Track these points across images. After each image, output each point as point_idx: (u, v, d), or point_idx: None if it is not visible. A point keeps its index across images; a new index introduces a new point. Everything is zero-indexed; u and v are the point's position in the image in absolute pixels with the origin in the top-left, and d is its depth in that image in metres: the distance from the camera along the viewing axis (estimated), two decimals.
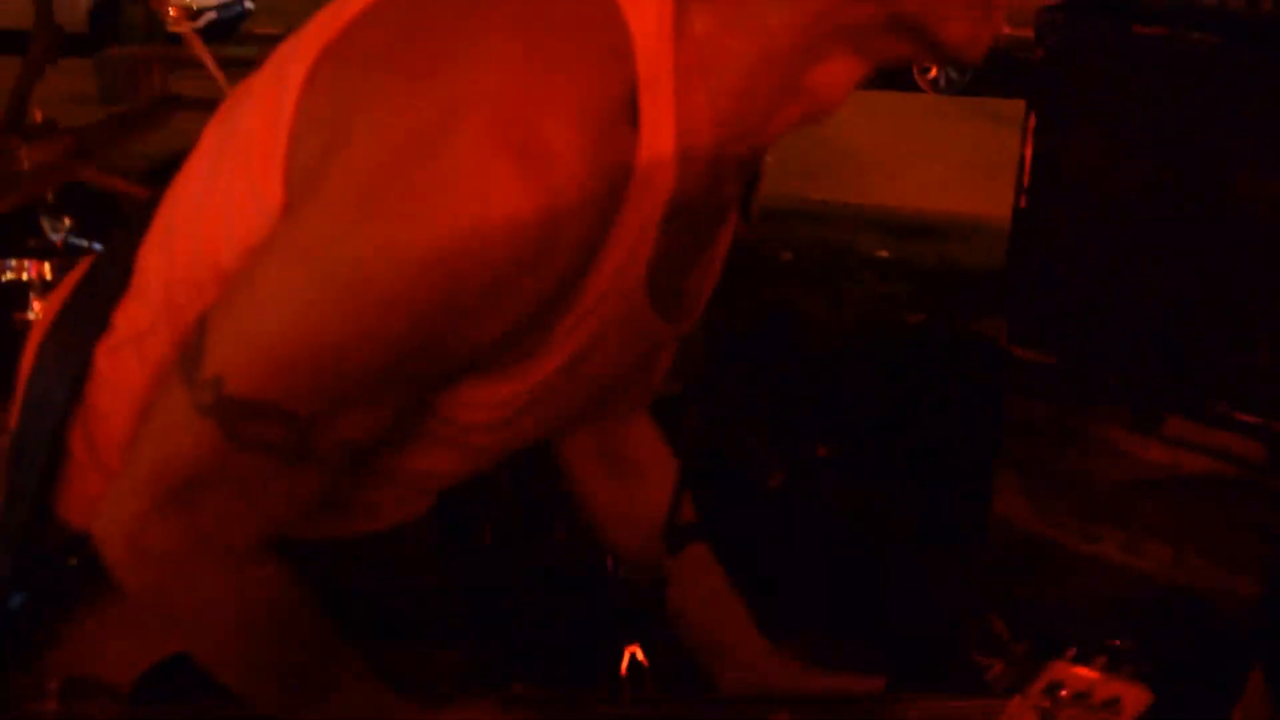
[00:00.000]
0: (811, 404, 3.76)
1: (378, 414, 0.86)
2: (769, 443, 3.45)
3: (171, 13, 11.16)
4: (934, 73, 11.05)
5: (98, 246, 1.95)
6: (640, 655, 1.15)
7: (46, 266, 2.00)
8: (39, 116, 2.33)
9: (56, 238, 1.89)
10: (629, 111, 0.81)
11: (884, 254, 5.77)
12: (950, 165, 7.57)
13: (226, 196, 0.91)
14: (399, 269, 0.76)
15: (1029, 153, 2.50)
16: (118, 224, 1.03)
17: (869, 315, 4.85)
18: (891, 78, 10.92)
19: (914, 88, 10.88)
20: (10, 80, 6.98)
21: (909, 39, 0.87)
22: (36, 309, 1.97)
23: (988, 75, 10.66)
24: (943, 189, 6.95)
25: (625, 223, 0.84)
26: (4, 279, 1.99)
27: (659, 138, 0.83)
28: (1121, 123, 2.44)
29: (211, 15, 13.99)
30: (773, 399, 3.77)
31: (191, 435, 0.85)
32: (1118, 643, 1.04)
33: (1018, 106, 2.74)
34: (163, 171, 1.03)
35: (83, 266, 1.09)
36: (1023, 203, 2.56)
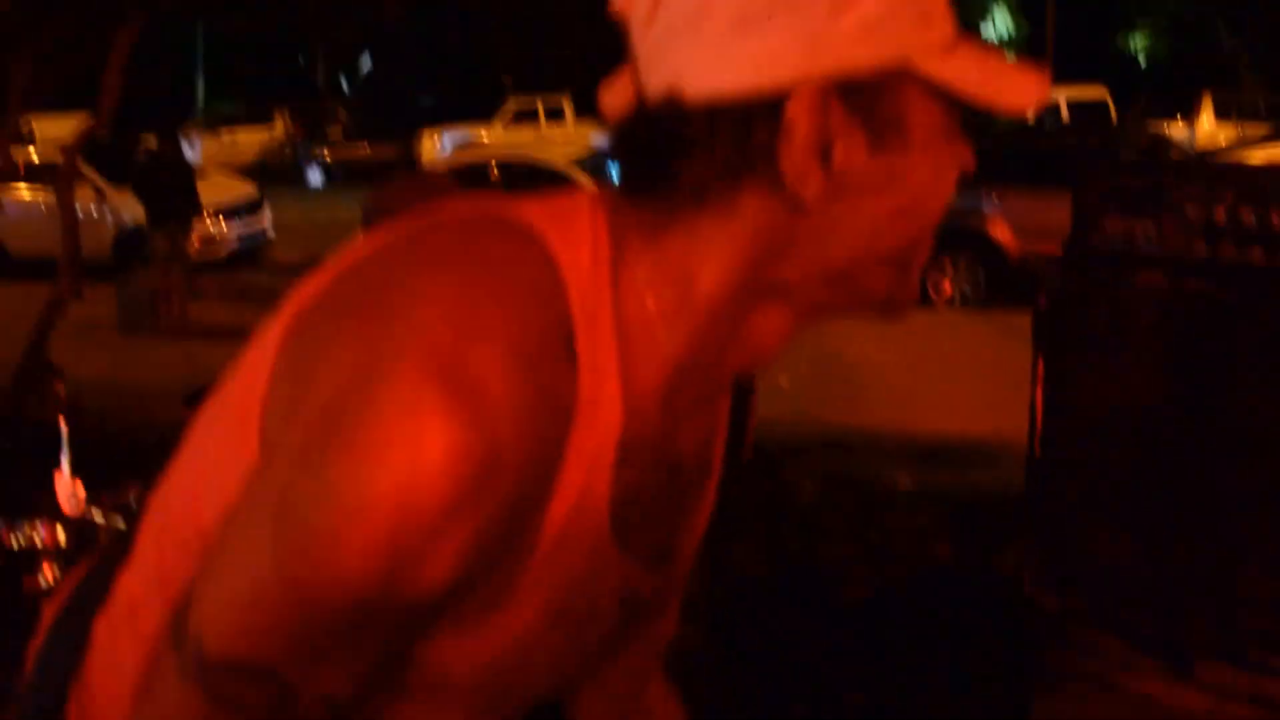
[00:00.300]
0: (836, 657, 3.69)
1: (356, 668, 0.84)
2: (793, 697, 3.38)
3: (195, 242, 11.53)
4: (948, 289, 11.24)
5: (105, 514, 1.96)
6: None
7: (59, 531, 2.01)
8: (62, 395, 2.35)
9: (72, 507, 1.91)
10: (565, 349, 0.83)
11: (907, 486, 5.74)
12: (968, 383, 7.59)
13: (213, 458, 0.93)
14: (344, 515, 0.77)
15: (1039, 397, 2.53)
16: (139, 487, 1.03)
17: (894, 555, 4.77)
18: None
19: (928, 303, 11.06)
20: (32, 306, 7.16)
21: (841, 292, 0.91)
22: (48, 574, 1.97)
23: (1002, 288, 10.87)
24: (962, 409, 6.95)
25: (572, 462, 0.84)
26: (18, 545, 1.99)
27: (600, 376, 0.85)
28: (1125, 366, 2.48)
29: (234, 244, 14.48)
30: (797, 652, 3.70)
31: (178, 701, 0.84)
32: None
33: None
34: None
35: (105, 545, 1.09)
36: (1036, 450, 2.58)
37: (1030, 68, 0.92)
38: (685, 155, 0.84)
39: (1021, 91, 0.89)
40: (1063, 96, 23.69)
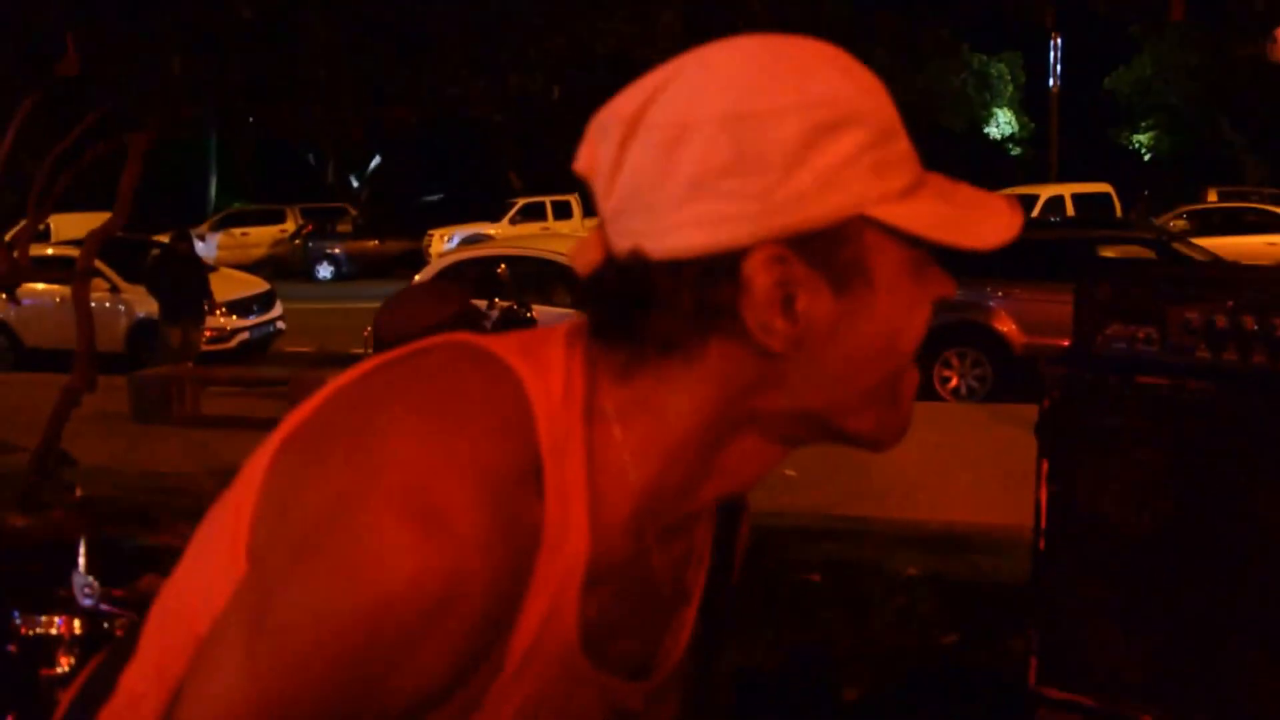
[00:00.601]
0: None
1: None
2: None
3: (206, 334, 11.62)
4: (954, 381, 11.28)
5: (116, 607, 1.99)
6: None
7: (76, 623, 2.04)
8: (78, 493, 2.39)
9: (88, 603, 1.93)
10: (534, 479, 0.86)
11: (914, 571, 5.73)
12: (975, 474, 7.60)
13: (207, 567, 0.96)
14: (317, 627, 0.81)
15: (1044, 497, 2.56)
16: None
17: (900, 644, 4.76)
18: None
19: (936, 397, 11.10)
20: (46, 395, 7.21)
21: (818, 430, 0.93)
22: (63, 664, 2.00)
23: (1007, 380, 10.91)
24: (969, 498, 6.97)
25: (539, 588, 0.87)
26: (34, 633, 2.02)
27: (567, 505, 0.87)
28: (1130, 467, 2.51)
29: (244, 335, 14.61)
30: None
31: None
32: None
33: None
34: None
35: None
36: (1041, 544, 2.60)
37: (1000, 201, 0.93)
38: (651, 308, 0.87)
39: (990, 230, 0.91)
40: (1068, 192, 23.95)
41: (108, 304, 13.95)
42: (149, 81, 5.96)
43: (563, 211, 27.29)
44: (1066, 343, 2.84)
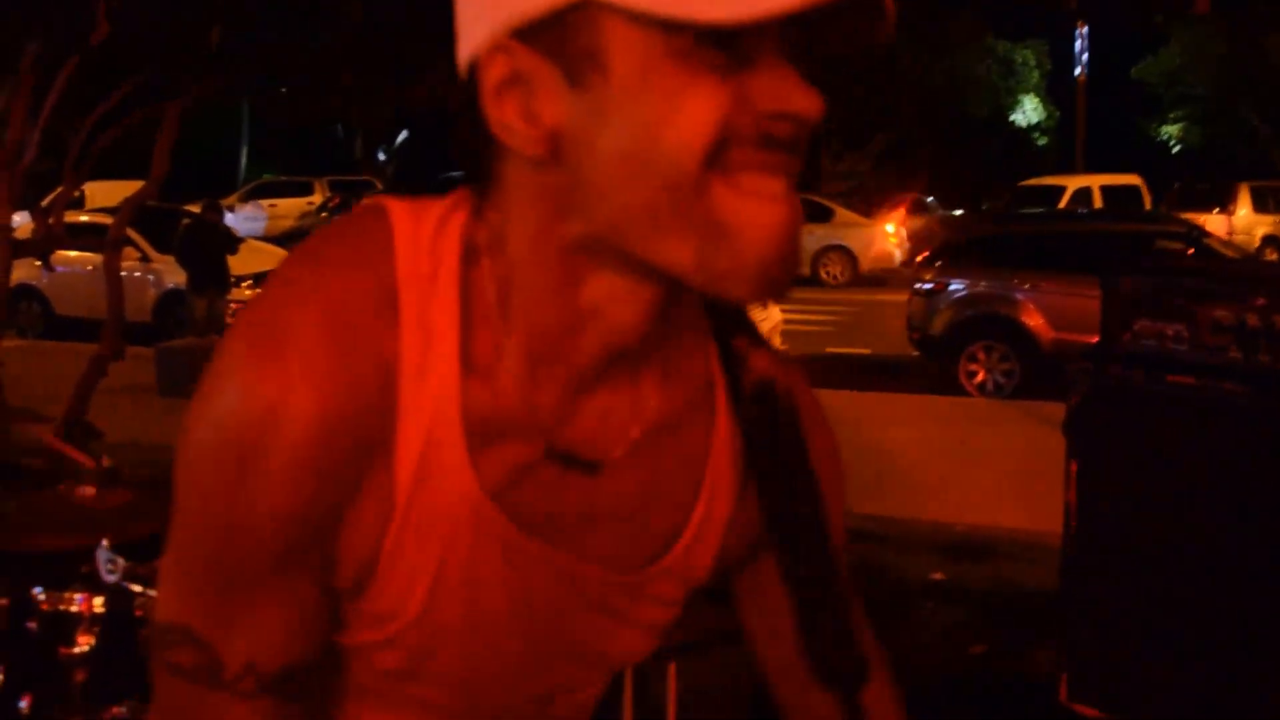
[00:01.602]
0: None
1: (266, 632, 0.90)
2: None
3: (231, 307, 11.57)
4: (981, 376, 11.22)
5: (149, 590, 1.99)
6: None
7: (98, 600, 2.04)
8: (105, 462, 2.40)
9: (111, 578, 1.93)
10: (388, 309, 0.86)
11: (939, 576, 5.69)
12: (1001, 474, 7.53)
13: None
14: (183, 461, 0.88)
15: (1073, 499, 2.53)
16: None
17: (925, 652, 4.65)
18: (938, 383, 11.06)
19: (962, 392, 11.04)
20: (74, 366, 7.25)
21: (637, 263, 0.85)
22: (83, 643, 2.00)
23: (1035, 376, 10.85)
24: (996, 500, 6.89)
25: (407, 417, 0.87)
26: (55, 609, 2.03)
27: (429, 337, 0.87)
28: (1160, 469, 2.48)
29: None
30: None
31: (153, 675, 0.92)
32: None
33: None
34: None
35: None
36: (1071, 550, 2.57)
37: None
38: (455, 135, 0.88)
39: (745, 2, 0.75)
40: (1096, 184, 23.77)
41: (137, 273, 14.02)
42: (185, 50, 5.96)
43: None
44: (1095, 338, 2.81)
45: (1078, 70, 33.87)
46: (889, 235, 22.18)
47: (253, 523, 0.86)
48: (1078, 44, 33.72)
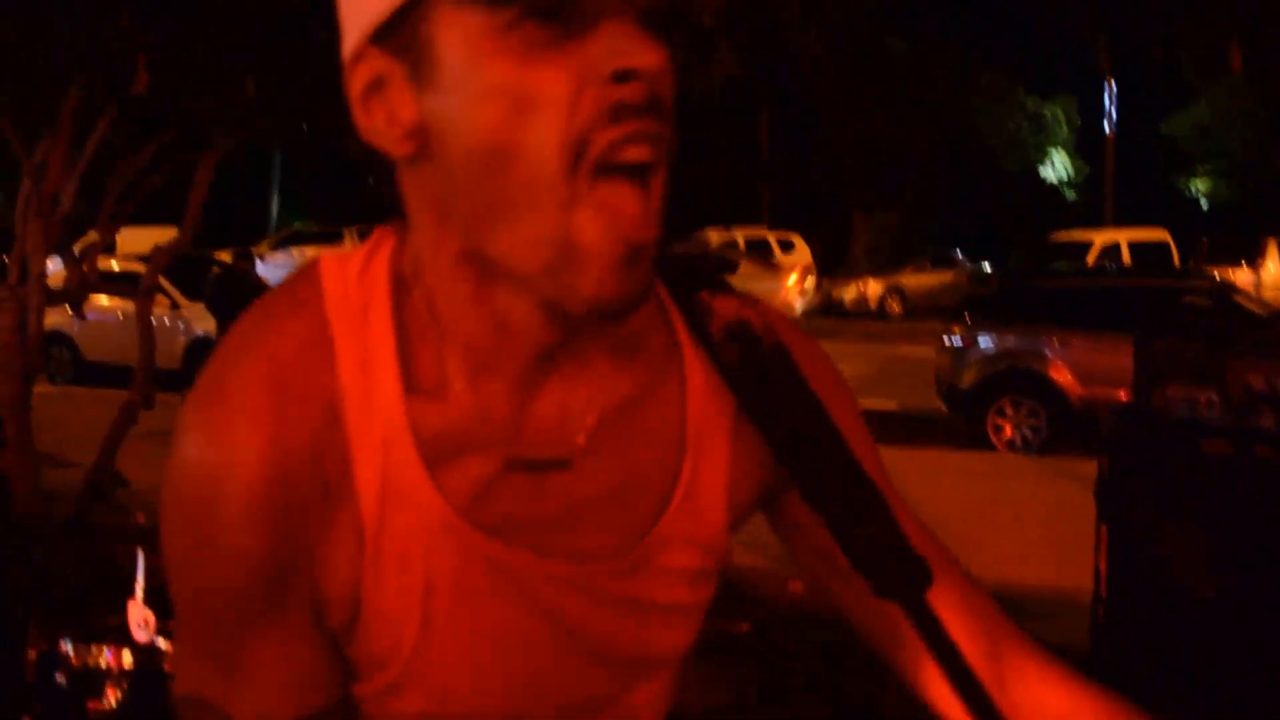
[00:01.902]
0: None
1: (270, 684, 0.90)
2: None
3: None
4: (1009, 431, 11.17)
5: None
6: None
7: (126, 654, 2.04)
8: (140, 519, 2.41)
9: (142, 637, 1.93)
10: (322, 351, 0.88)
11: None
12: (1030, 531, 7.49)
13: None
14: (167, 516, 0.90)
15: (1103, 563, 2.52)
16: None
17: None
18: (968, 438, 11.00)
19: (989, 446, 10.99)
20: (102, 411, 7.27)
21: (500, 277, 0.86)
22: (111, 699, 2.00)
23: (1064, 432, 10.79)
24: (1023, 556, 6.85)
25: (361, 450, 0.88)
26: (84, 664, 2.03)
27: (369, 369, 0.88)
28: (1191, 532, 2.46)
29: None
30: None
31: None
32: None
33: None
34: None
35: None
36: (1100, 614, 2.55)
37: None
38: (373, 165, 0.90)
39: None
40: (1124, 239, 23.72)
41: (167, 320, 14.15)
42: (221, 101, 6.05)
43: None
44: (1124, 394, 2.79)
45: (1107, 126, 33.91)
46: (790, 287, 22.59)
47: (222, 572, 0.87)
48: (1107, 100, 33.77)
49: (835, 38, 28.22)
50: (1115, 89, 33.62)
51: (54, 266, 7.03)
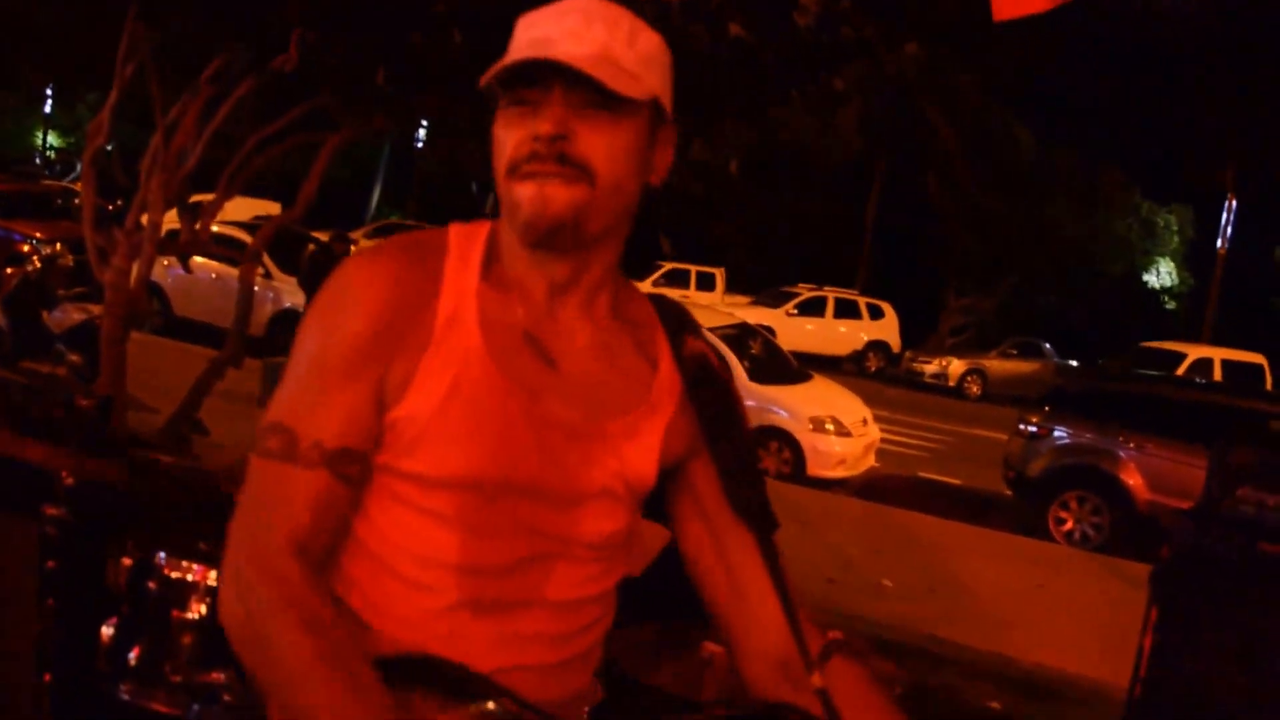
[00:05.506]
0: None
1: (334, 417, 1.40)
2: None
3: None
4: (1070, 525, 11.07)
5: None
6: None
7: (212, 574, 2.17)
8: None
9: None
10: (442, 251, 1.49)
11: (996, 706, 5.63)
12: (1075, 622, 7.44)
13: None
14: (319, 300, 1.48)
15: (1148, 643, 2.55)
16: None
17: None
18: (1028, 526, 10.92)
19: (1049, 537, 10.91)
20: (185, 363, 7.43)
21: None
22: (195, 610, 2.13)
23: (1124, 534, 10.67)
24: (1064, 646, 6.82)
25: (445, 295, 1.44)
26: (174, 575, 2.16)
27: (465, 262, 1.48)
28: (1240, 632, 2.49)
29: None
30: None
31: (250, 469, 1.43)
32: None
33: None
34: None
35: None
36: (1137, 691, 2.58)
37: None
38: None
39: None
40: (1218, 356, 23.35)
41: (258, 288, 14.41)
42: (355, 87, 6.25)
43: (706, 283, 27.48)
44: (1189, 506, 2.83)
45: (1220, 242, 33.43)
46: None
47: (338, 338, 1.42)
48: (1224, 216, 33.31)
49: (962, 118, 28.18)
50: (1235, 207, 33.14)
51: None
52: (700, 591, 1.58)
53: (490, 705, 1.40)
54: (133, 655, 2.06)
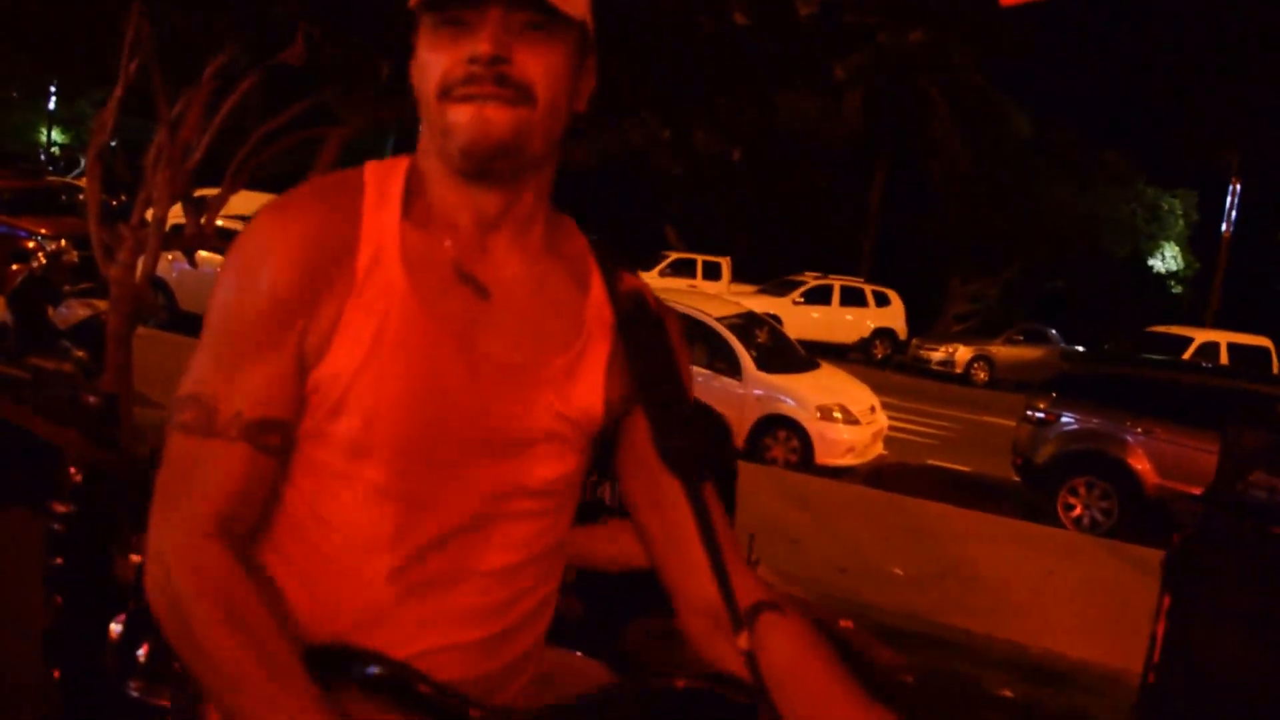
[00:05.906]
0: None
1: (252, 385, 1.32)
2: None
3: None
4: (1078, 510, 11.06)
5: None
6: None
7: None
8: None
9: None
10: (358, 190, 1.40)
11: (1009, 694, 5.63)
12: (1086, 608, 7.44)
13: None
14: (229, 263, 1.37)
15: (1160, 630, 2.55)
16: None
17: None
18: (1037, 512, 10.92)
19: (1058, 522, 10.89)
20: (189, 358, 7.46)
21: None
22: None
23: (1133, 519, 10.66)
24: (1076, 632, 6.82)
25: (364, 244, 1.36)
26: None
27: (384, 199, 1.40)
28: (1254, 615, 2.48)
29: None
30: None
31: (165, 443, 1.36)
32: None
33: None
34: None
35: None
36: (1150, 678, 2.58)
37: None
38: None
39: None
40: (1224, 340, 23.29)
41: None
42: (360, 82, 6.24)
43: (712, 272, 27.44)
44: (1199, 491, 2.82)
45: (1225, 226, 33.33)
46: None
47: (254, 302, 1.33)
48: (1229, 200, 33.21)
49: (963, 104, 28.08)
50: (1240, 191, 33.03)
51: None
52: (643, 546, 1.54)
53: (413, 691, 1.34)
54: (141, 652, 2.06)
